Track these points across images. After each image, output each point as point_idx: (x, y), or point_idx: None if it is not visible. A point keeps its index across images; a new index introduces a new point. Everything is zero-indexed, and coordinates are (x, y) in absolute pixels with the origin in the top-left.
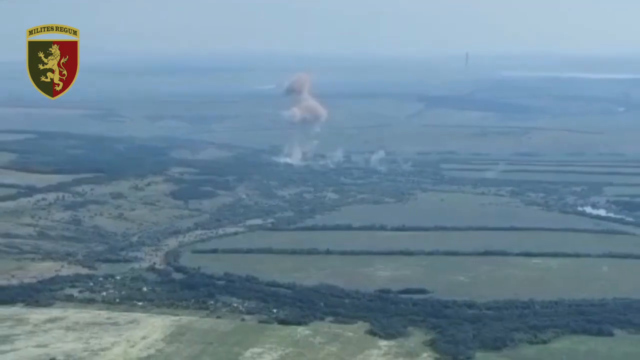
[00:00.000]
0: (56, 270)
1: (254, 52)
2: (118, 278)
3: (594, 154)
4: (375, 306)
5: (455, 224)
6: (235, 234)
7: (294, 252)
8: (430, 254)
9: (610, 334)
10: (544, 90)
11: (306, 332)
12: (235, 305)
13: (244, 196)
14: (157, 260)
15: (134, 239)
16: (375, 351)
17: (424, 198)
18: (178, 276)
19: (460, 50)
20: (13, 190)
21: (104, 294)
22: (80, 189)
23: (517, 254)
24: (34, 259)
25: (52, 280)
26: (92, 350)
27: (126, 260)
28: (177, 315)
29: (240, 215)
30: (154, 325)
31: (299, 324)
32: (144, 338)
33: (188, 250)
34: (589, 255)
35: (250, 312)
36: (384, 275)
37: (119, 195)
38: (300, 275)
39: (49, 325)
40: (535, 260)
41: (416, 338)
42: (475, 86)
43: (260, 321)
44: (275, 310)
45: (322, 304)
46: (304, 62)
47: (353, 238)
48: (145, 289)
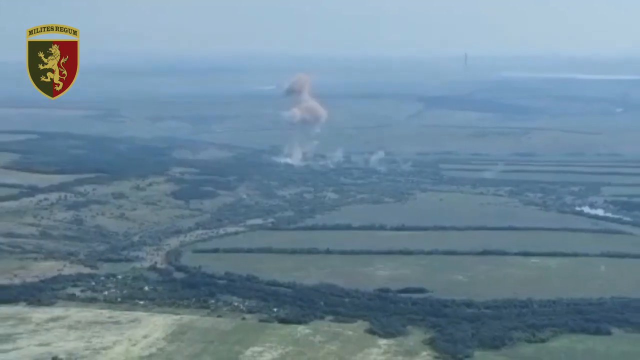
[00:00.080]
0: (58, 270)
1: (254, 53)
2: (120, 277)
3: (592, 154)
4: (374, 305)
5: (454, 223)
6: (235, 233)
7: (294, 252)
8: (429, 253)
9: (608, 333)
10: (543, 90)
11: (306, 331)
12: (236, 304)
13: (245, 196)
14: (159, 259)
15: (136, 238)
16: (374, 350)
17: (423, 198)
18: (179, 275)
19: (460, 51)
20: (15, 190)
21: (106, 293)
22: (82, 189)
23: (516, 254)
24: (36, 259)
25: (55, 280)
26: (94, 349)
27: (128, 260)
28: (178, 314)
29: (240, 215)
30: (155, 324)
31: (299, 322)
32: (145, 337)
33: (189, 250)
34: (587, 255)
35: (250, 311)
36: (384, 274)
37: (120, 195)
38: (301, 275)
39: (51, 324)
40: (534, 259)
41: (415, 337)
42: (475, 87)
43: (261, 320)
44: (275, 309)
45: (322, 303)
46: (304, 63)
47: (353, 238)
48: (146, 288)
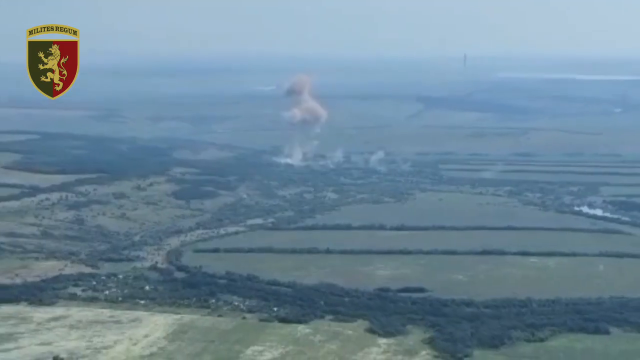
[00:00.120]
0: (59, 269)
1: (254, 54)
2: (121, 277)
3: (591, 154)
4: (374, 305)
5: (453, 223)
6: (236, 233)
7: (294, 251)
8: (428, 253)
9: (607, 332)
10: (542, 91)
11: (306, 331)
12: (237, 303)
13: (245, 196)
14: (159, 259)
15: (137, 238)
16: (374, 349)
17: (423, 198)
18: (180, 275)
19: (459, 52)
20: (17, 190)
21: (107, 292)
22: (84, 189)
23: (515, 253)
24: (37, 258)
25: (56, 279)
26: (95, 348)
27: (129, 260)
28: (179, 313)
29: (241, 215)
30: (156, 324)
31: (299, 322)
32: (146, 336)
33: (190, 250)
34: (586, 255)
35: (251, 311)
36: (383, 274)
37: (121, 195)
38: (301, 274)
39: (53, 324)
40: (533, 259)
41: (415, 336)
42: (474, 87)
43: (261, 319)
44: (275, 309)
45: (322, 303)
46: (304, 64)
47: (353, 237)
48: (147, 288)
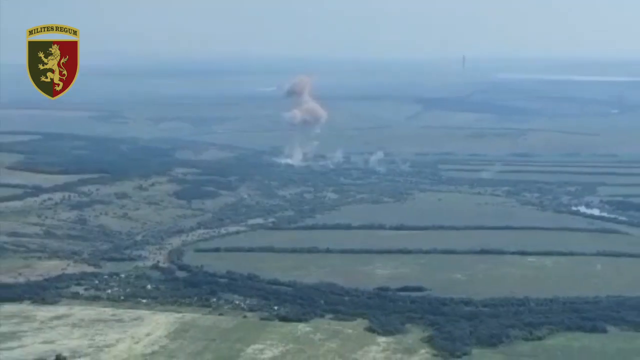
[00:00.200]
0: (62, 269)
1: (255, 55)
2: (123, 276)
3: (588, 154)
4: (374, 304)
5: (452, 223)
6: (237, 233)
7: (294, 251)
8: (428, 252)
9: (604, 331)
10: (540, 92)
11: (307, 329)
12: (237, 302)
13: (246, 196)
14: (161, 258)
15: (138, 238)
16: (374, 347)
17: (422, 198)
18: (181, 274)
19: (458, 53)
20: (20, 190)
21: (109, 291)
22: (86, 189)
23: (513, 253)
24: (40, 258)
25: (59, 278)
26: (98, 346)
27: (131, 259)
28: (181, 312)
29: (242, 215)
30: (157, 322)
31: (299, 321)
32: (148, 335)
33: (191, 249)
34: (583, 254)
35: (252, 310)
36: (383, 273)
37: (123, 195)
38: (301, 274)
39: (55, 322)
40: (531, 258)
41: (414, 335)
42: (473, 88)
43: (262, 318)
44: (276, 308)
45: (322, 302)
46: (305, 65)
47: (352, 237)
48: (149, 287)
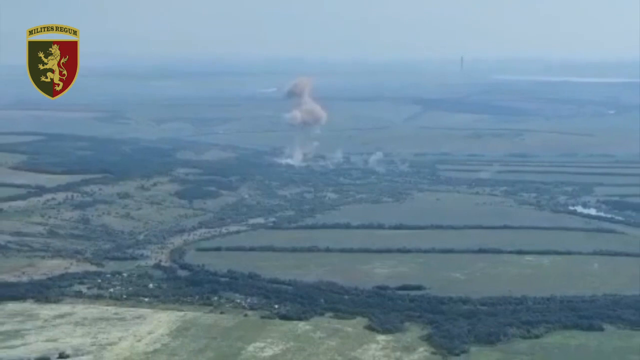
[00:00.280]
0: (65, 268)
1: (256, 57)
2: (125, 275)
3: (585, 155)
4: (373, 302)
5: (450, 222)
6: (238, 232)
7: (294, 250)
8: (426, 251)
9: (601, 329)
10: (537, 93)
11: (307, 327)
12: (238, 301)
13: (247, 196)
14: (163, 257)
15: (141, 237)
16: (373, 345)
17: (421, 198)
18: (183, 273)
19: (456, 55)
20: (23, 190)
21: (112, 290)
22: (89, 189)
23: (511, 252)
24: (44, 257)
25: (62, 277)
26: (100, 344)
27: (133, 258)
28: (182, 310)
29: (243, 215)
30: (159, 321)
31: (299, 319)
32: (150, 333)
33: (193, 248)
34: (580, 253)
35: (252, 308)
36: (382, 272)
37: (125, 195)
38: (301, 272)
39: (58, 321)
40: (528, 257)
41: (413, 333)
42: (470, 89)
43: (263, 317)
44: (276, 306)
45: (322, 300)
46: (305, 66)
47: (352, 236)
48: (151, 286)
